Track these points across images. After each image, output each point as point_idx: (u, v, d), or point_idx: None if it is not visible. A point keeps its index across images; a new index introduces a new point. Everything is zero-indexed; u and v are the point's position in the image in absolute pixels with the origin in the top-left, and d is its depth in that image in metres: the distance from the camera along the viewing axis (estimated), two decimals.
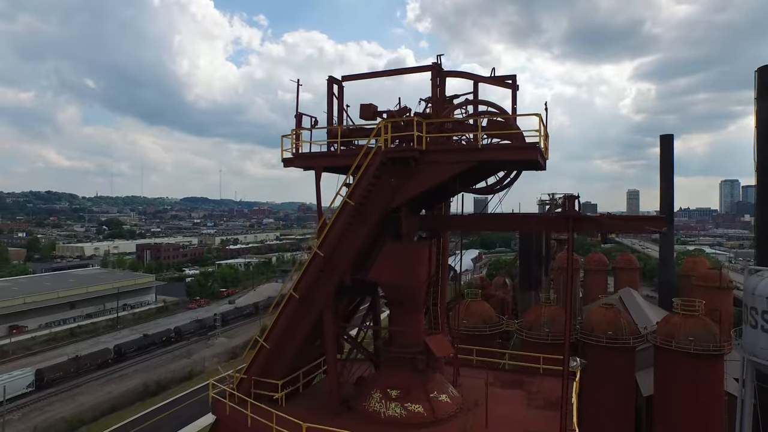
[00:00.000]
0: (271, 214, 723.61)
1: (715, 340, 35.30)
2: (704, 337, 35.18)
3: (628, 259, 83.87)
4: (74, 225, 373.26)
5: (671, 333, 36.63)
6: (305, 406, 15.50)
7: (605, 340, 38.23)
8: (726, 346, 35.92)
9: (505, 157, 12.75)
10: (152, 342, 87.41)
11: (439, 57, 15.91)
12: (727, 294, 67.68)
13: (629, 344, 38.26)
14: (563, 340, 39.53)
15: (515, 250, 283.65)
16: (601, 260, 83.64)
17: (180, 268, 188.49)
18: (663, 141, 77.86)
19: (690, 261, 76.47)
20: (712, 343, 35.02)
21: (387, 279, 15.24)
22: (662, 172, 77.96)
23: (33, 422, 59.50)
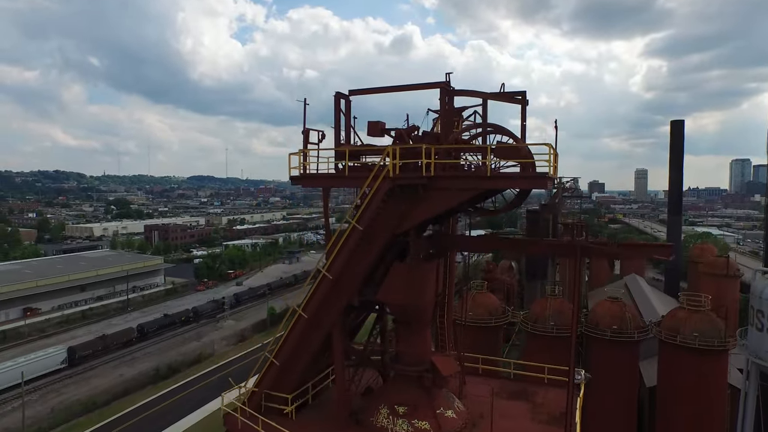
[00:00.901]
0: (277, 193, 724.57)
1: (720, 335, 35.42)
2: (709, 333, 35.30)
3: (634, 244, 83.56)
4: (83, 205, 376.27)
5: (676, 327, 36.77)
6: (315, 419, 15.91)
7: (610, 335, 38.49)
8: (731, 341, 36.06)
9: (515, 187, 12.72)
10: (172, 321, 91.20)
11: (447, 75, 15.72)
12: (733, 282, 67.74)
13: (634, 338, 38.51)
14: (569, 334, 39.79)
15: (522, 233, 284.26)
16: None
17: (188, 249, 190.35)
18: (673, 126, 76.78)
19: (698, 248, 76.17)
20: (717, 339, 35.16)
21: (395, 300, 15.43)
22: (672, 157, 77.09)
23: (51, 403, 61.39)
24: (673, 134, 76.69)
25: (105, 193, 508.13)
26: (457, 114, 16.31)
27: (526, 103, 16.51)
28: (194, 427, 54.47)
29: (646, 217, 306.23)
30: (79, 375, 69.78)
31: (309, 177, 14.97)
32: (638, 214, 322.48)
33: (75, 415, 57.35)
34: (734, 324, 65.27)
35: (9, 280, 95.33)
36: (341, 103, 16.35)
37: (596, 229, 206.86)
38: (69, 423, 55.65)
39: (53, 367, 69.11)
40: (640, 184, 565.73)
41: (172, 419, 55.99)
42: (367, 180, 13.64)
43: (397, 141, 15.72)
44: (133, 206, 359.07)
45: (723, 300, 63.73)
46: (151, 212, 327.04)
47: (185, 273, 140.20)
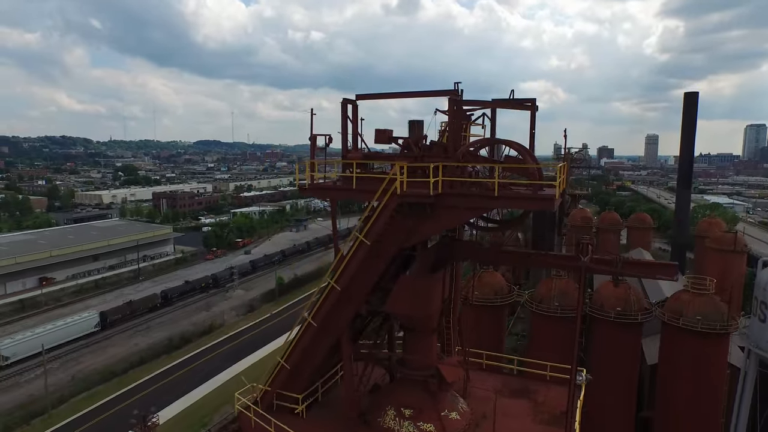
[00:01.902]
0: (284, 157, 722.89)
1: (723, 319, 35.80)
2: (712, 317, 35.66)
3: (641, 218, 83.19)
4: (91, 171, 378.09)
5: (679, 310, 37.19)
6: (325, 417, 16.61)
7: (613, 316, 39.03)
8: (732, 325, 36.46)
9: (522, 207, 12.76)
10: (193, 288, 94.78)
11: (456, 85, 15.47)
12: (740, 257, 67.68)
13: (637, 320, 39.03)
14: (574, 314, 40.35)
15: None
16: (615, 219, 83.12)
17: (196, 216, 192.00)
18: (687, 98, 75.04)
19: (705, 222, 75.65)
20: (720, 323, 35.56)
21: (402, 310, 15.79)
22: (684, 129, 75.77)
23: (71, 372, 63.85)
24: (686, 106, 75.09)
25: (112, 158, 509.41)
26: (465, 118, 16.13)
27: (535, 110, 16.31)
28: (207, 397, 56.49)
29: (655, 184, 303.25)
30: (96, 344, 72.10)
31: (317, 188, 15.08)
32: (647, 181, 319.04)
33: (94, 383, 59.67)
34: (739, 299, 65.79)
35: (25, 251, 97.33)
36: (348, 109, 16.24)
37: (604, 197, 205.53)
38: (89, 391, 57.94)
39: (88, 330, 73.95)
40: (650, 150, 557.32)
41: (186, 389, 58.05)
42: (375, 195, 13.73)
43: (405, 150, 15.71)
44: (140, 172, 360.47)
45: (729, 276, 64.12)
46: (158, 178, 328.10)
47: (194, 241, 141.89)
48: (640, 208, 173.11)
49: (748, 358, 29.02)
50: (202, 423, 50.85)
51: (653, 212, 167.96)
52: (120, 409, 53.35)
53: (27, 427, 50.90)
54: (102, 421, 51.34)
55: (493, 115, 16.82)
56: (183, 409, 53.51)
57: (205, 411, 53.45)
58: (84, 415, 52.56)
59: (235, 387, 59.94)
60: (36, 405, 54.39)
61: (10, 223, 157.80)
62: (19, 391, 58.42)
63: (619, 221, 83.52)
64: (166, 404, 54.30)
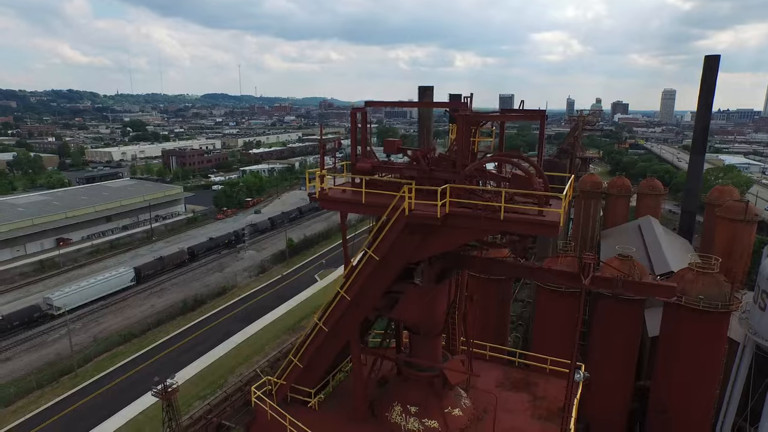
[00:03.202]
0: (292, 111, 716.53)
1: (725, 298, 36.31)
2: (714, 297, 36.14)
3: (652, 184, 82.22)
4: (99, 126, 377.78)
5: (682, 289, 37.65)
6: (336, 409, 17.74)
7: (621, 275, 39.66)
8: (734, 303, 36.99)
9: (527, 232, 13.08)
10: (217, 244, 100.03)
11: (466, 99, 15.41)
12: (750, 227, 67.34)
13: None
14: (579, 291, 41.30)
15: None
16: (624, 185, 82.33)
17: (206, 174, 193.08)
18: (708, 62, 72.38)
19: (717, 189, 74.79)
20: (722, 302, 36.12)
21: (408, 319, 16.53)
22: (702, 94, 73.54)
23: (92, 332, 66.76)
24: (705, 70, 72.52)
25: (120, 113, 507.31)
26: (474, 123, 16.15)
27: (545, 119, 16.32)
28: (222, 358, 59.07)
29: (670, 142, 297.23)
30: (114, 305, 74.81)
31: (328, 200, 15.45)
32: (661, 139, 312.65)
33: (114, 344, 62.50)
34: (745, 267, 66.21)
35: (41, 212, 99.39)
36: (357, 117, 16.34)
37: (616, 157, 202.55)
38: (110, 352, 60.82)
39: (125, 284, 78.99)
40: (666, 105, 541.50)
41: (202, 350, 60.68)
42: (383, 211, 14.10)
43: (414, 163, 15.91)
44: (149, 127, 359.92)
45: (737, 245, 64.22)
46: (167, 134, 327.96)
47: (204, 200, 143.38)
48: (652, 169, 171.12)
49: (745, 343, 29.80)
50: (218, 384, 53.50)
51: (665, 173, 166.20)
52: (140, 370, 56.27)
53: (57, 384, 53.91)
54: (124, 380, 54.19)
55: (501, 128, 16.85)
56: (199, 371, 56.13)
57: (221, 372, 56.08)
58: (108, 374, 55.46)
59: (249, 349, 62.80)
60: (63, 364, 57.35)
61: (25, 181, 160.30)
62: (47, 350, 61.48)
63: (628, 187, 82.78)
64: (184, 365, 57.09)
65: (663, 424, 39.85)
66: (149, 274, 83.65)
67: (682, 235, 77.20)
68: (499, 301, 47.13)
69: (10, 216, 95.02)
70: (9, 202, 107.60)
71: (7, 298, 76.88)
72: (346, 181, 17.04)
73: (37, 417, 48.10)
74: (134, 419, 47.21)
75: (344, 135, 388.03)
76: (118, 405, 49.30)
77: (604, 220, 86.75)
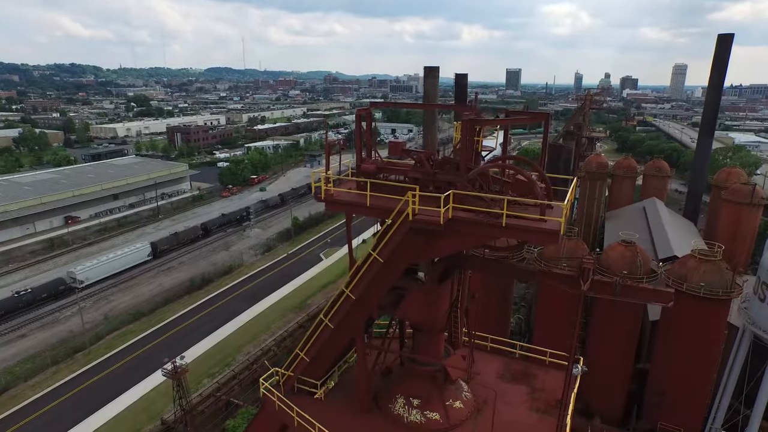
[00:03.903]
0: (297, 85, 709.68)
1: (727, 286, 36.65)
2: (716, 284, 36.49)
3: (658, 166, 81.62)
4: (103, 101, 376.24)
5: (684, 276, 38.01)
6: (341, 399, 18.43)
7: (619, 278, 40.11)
8: (736, 290, 37.33)
9: (527, 240, 13.32)
10: (229, 220, 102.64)
11: (470, 101, 15.46)
12: (756, 210, 67.07)
13: (642, 282, 40.11)
14: None
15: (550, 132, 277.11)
16: (631, 166, 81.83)
17: (210, 150, 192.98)
18: (720, 41, 70.85)
19: (724, 172, 74.18)
20: (722, 289, 36.47)
21: (412, 318, 17.03)
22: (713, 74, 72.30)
23: (102, 310, 68.21)
24: (718, 50, 70.99)
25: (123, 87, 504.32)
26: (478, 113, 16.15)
27: (549, 122, 16.41)
28: (230, 337, 60.37)
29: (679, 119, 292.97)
30: (123, 283, 76.15)
31: (333, 202, 15.71)
32: (670, 116, 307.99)
33: (125, 322, 63.90)
34: (749, 251, 66.29)
35: (48, 190, 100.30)
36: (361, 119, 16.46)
37: (623, 134, 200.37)
38: (121, 330, 62.24)
39: (143, 259, 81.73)
40: (677, 80, 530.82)
41: (210, 329, 61.97)
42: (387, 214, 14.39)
43: (418, 165, 16.09)
44: (153, 102, 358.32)
45: (742, 228, 64.15)
46: (171, 109, 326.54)
47: (209, 178, 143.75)
48: (659, 148, 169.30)
49: (743, 332, 30.26)
50: (226, 362, 54.87)
51: (673, 151, 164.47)
52: (150, 348, 57.70)
53: (71, 361, 55.49)
54: (135, 358, 55.67)
55: (505, 132, 16.92)
56: (208, 349, 57.47)
57: (228, 350, 57.42)
58: (119, 352, 56.92)
59: (256, 328, 64.07)
60: (75, 341, 58.85)
61: (31, 158, 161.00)
62: (60, 328, 63.03)
63: (634, 168, 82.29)
64: (193, 343, 58.42)
65: (660, 406, 40.82)
66: (165, 249, 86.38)
67: (687, 217, 77.10)
68: (501, 293, 47.68)
69: (18, 195, 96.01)
70: (16, 180, 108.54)
71: (19, 276, 78.40)
72: (351, 167, 17.22)
73: (54, 392, 49.75)
74: (146, 396, 48.72)
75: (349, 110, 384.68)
76: (130, 382, 50.81)
77: (609, 200, 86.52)
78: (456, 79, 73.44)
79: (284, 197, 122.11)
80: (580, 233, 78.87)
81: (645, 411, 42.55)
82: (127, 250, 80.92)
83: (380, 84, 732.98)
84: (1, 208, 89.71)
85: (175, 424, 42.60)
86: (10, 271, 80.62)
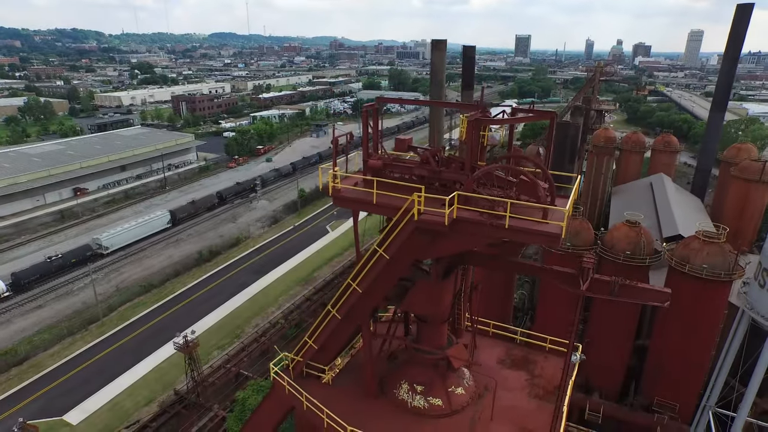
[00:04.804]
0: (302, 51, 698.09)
1: (729, 268, 36.93)
2: (719, 265, 36.77)
3: (667, 141, 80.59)
4: (106, 68, 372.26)
5: (687, 257, 38.26)
6: (348, 383, 19.25)
7: (622, 258, 40.55)
8: (738, 272, 37.64)
9: (531, 242, 13.63)
10: (244, 188, 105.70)
11: (476, 100, 15.46)
12: (764, 187, 66.68)
13: (645, 263, 40.55)
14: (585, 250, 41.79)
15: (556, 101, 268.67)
16: (639, 140, 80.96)
17: (216, 120, 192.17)
18: (739, 12, 68.65)
19: (735, 148, 73.25)
20: (725, 271, 36.78)
21: (417, 310, 17.58)
22: (729, 46, 70.49)
23: (114, 282, 69.81)
24: (736, 21, 68.95)
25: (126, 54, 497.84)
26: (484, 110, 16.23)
27: (554, 121, 16.48)
28: (238, 309, 61.87)
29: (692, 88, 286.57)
30: (133, 255, 77.55)
31: (341, 198, 16.02)
32: (683, 85, 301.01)
33: (136, 294, 65.50)
34: (755, 228, 66.21)
35: (56, 162, 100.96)
36: (368, 114, 16.57)
37: (633, 105, 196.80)
38: (132, 302, 63.87)
39: (162, 226, 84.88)
40: (692, 48, 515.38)
41: (219, 301, 63.45)
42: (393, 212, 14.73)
43: (423, 162, 16.28)
44: (156, 69, 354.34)
45: (750, 205, 63.88)
46: (175, 76, 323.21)
47: (215, 148, 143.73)
48: (670, 119, 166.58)
49: (741, 316, 30.76)
50: (236, 334, 56.47)
51: (684, 122, 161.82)
52: (162, 319, 59.36)
53: (86, 331, 57.32)
54: (148, 329, 57.37)
55: (510, 131, 16.99)
56: (217, 321, 59.05)
57: (237, 322, 58.99)
58: (131, 323, 58.63)
59: (264, 300, 65.46)
60: (89, 312, 60.59)
61: (38, 128, 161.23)
62: (74, 299, 64.76)
63: (643, 143, 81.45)
64: (202, 315, 59.99)
65: (658, 382, 41.89)
66: (183, 216, 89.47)
67: (695, 192, 76.69)
68: (504, 280, 48.11)
69: (27, 166, 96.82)
70: (25, 151, 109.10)
71: (32, 248, 79.99)
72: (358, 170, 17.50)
73: (72, 361, 51.71)
74: (158, 367, 50.49)
75: (354, 77, 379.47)
76: (143, 353, 52.59)
77: (616, 174, 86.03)
78: (464, 51, 72.10)
79: (296, 166, 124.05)
80: (586, 209, 79.01)
81: (643, 385, 43.68)
82: (148, 218, 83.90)
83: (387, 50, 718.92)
84: (12, 180, 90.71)
85: (187, 394, 44.32)
86: (34, 239, 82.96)
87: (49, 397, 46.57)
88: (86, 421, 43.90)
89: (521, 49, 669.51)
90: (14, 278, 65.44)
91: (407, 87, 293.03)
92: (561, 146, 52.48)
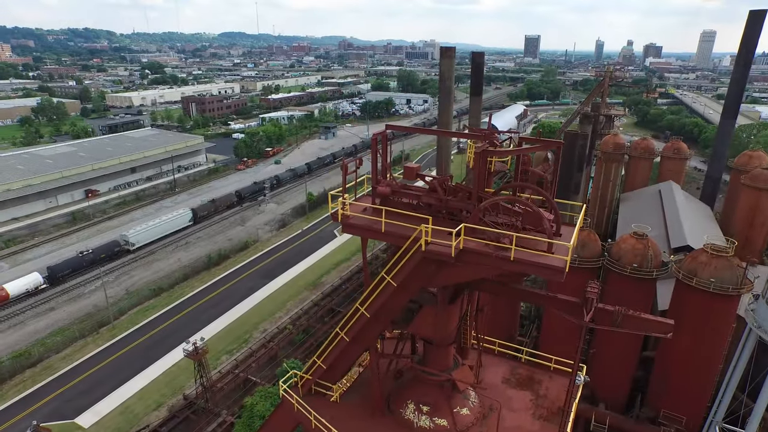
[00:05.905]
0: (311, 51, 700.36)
1: (736, 282, 36.85)
2: (727, 280, 36.72)
3: (677, 147, 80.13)
4: (117, 67, 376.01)
5: (695, 270, 38.21)
6: (356, 401, 19.63)
7: (629, 271, 40.56)
8: (746, 286, 37.52)
9: (535, 274, 13.91)
10: (261, 187, 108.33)
11: (485, 125, 15.76)
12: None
13: (652, 276, 40.53)
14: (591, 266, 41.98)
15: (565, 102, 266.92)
16: (648, 147, 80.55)
17: (225, 121, 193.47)
18: (752, 18, 68.11)
19: (746, 155, 72.67)
20: (733, 285, 36.72)
21: (423, 334, 17.92)
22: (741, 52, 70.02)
23: (124, 285, 70.70)
24: (748, 27, 68.48)
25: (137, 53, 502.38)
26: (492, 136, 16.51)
27: (561, 147, 16.72)
28: (246, 314, 62.45)
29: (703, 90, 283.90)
30: (142, 259, 78.45)
31: (350, 225, 16.37)
32: (695, 86, 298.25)
33: (146, 297, 66.31)
34: (766, 236, 65.64)
35: (68, 164, 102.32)
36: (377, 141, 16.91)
37: (643, 108, 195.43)
38: (142, 305, 64.69)
39: (184, 224, 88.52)
40: (704, 48, 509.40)
41: (227, 306, 64.07)
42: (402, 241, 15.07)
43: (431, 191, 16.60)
44: (167, 69, 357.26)
45: (760, 214, 63.37)
46: (185, 76, 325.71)
47: (224, 150, 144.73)
48: (680, 123, 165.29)
49: (749, 332, 30.72)
50: (244, 339, 57.06)
51: (695, 126, 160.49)
52: (171, 324, 60.10)
53: (97, 334, 58.22)
54: (157, 333, 58.13)
55: (517, 162, 17.24)
56: (226, 325, 59.65)
57: (246, 328, 59.54)
58: (141, 327, 59.42)
59: (272, 305, 65.90)
60: (100, 315, 61.48)
61: (50, 129, 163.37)
62: (85, 302, 65.72)
63: (652, 149, 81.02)
64: (211, 320, 60.65)
65: (664, 394, 41.83)
66: (204, 215, 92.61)
67: (704, 199, 76.24)
68: (509, 302, 48.19)
69: (40, 168, 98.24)
70: (37, 153, 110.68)
71: (47, 249, 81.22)
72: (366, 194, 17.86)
73: (84, 364, 52.56)
74: (168, 371, 51.18)
75: (363, 78, 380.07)
76: (153, 357, 53.31)
77: (625, 181, 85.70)
78: (473, 57, 72.22)
79: (311, 166, 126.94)
80: (594, 216, 78.81)
81: (649, 397, 43.63)
82: (172, 216, 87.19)
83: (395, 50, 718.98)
84: (26, 181, 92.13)
85: (196, 399, 44.96)
86: (54, 237, 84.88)
87: (61, 400, 47.43)
88: (98, 424, 44.67)
89: (530, 49, 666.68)
90: (50, 271, 68.90)
91: (416, 88, 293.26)
92: (569, 156, 52.47)
